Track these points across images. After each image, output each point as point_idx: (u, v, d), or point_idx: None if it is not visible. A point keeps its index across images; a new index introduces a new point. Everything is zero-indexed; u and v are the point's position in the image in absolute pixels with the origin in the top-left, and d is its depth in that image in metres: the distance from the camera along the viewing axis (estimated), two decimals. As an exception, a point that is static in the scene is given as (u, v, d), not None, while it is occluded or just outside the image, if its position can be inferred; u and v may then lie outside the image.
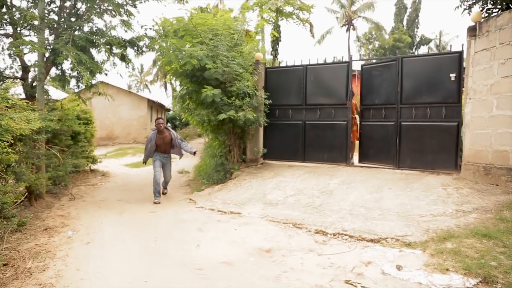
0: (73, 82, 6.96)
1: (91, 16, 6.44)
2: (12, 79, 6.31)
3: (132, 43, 6.95)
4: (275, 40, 16.08)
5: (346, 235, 3.92)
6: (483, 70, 5.24)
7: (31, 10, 5.98)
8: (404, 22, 34.15)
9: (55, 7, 6.46)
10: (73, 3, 6.53)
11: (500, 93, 4.99)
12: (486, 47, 5.20)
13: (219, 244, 3.90)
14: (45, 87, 6.28)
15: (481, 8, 6.10)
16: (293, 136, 7.62)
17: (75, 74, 6.67)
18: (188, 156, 6.51)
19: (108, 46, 6.39)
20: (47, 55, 6.04)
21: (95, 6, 6.29)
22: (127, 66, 7.18)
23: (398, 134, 6.47)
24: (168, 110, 26.96)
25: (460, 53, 5.90)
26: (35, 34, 6.02)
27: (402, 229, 3.89)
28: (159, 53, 7.50)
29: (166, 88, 34.18)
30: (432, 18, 62.66)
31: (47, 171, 6.10)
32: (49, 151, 6.12)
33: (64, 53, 5.46)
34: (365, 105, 7.18)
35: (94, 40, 6.26)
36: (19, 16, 5.74)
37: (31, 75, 6.48)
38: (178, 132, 6.45)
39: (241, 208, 5.30)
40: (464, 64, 5.74)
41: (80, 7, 6.57)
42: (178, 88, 9.57)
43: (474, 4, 6.18)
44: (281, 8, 14.51)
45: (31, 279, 2.98)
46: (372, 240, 3.72)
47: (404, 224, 4.03)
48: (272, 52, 16.28)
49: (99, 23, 8.84)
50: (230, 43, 7.17)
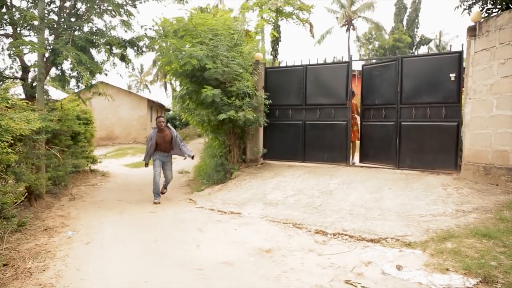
0: (73, 82, 6.98)
1: (91, 16, 6.44)
2: (12, 79, 6.31)
3: (132, 43, 6.96)
4: (275, 40, 16.10)
5: (346, 235, 3.92)
6: (483, 70, 5.25)
7: (31, 10, 5.98)
8: (404, 22, 34.15)
9: (55, 7, 6.47)
10: (73, 3, 6.53)
11: (500, 93, 5.00)
12: (486, 47, 5.21)
13: (219, 244, 3.90)
14: (45, 87, 6.28)
15: (481, 8, 6.10)
16: (293, 136, 7.62)
17: (75, 74, 6.68)
18: (187, 158, 6.50)
19: (108, 46, 6.39)
20: (47, 55, 6.04)
21: (95, 6, 6.29)
22: (127, 66, 7.19)
23: (398, 134, 6.47)
24: (168, 110, 26.95)
25: (460, 53, 5.90)
26: (35, 34, 6.03)
27: (402, 229, 3.89)
28: (159, 53, 7.50)
29: (166, 88, 34.25)
30: (432, 18, 62.72)
31: (47, 171, 6.10)
32: (49, 151, 6.13)
33: (64, 53, 5.46)
34: (365, 105, 7.19)
35: (94, 40, 6.26)
36: (19, 16, 5.74)
37: (31, 75, 6.49)
38: (178, 132, 6.42)
39: (241, 208, 5.30)
40: (464, 64, 5.74)
41: (80, 7, 6.58)
42: (178, 88, 9.58)
43: (474, 4, 6.18)
44: (281, 8, 14.53)
45: (31, 279, 2.97)
46: (372, 240, 3.72)
47: (404, 224, 4.03)
48: (272, 52, 16.29)
49: (99, 23, 8.84)
50: (230, 43, 7.17)
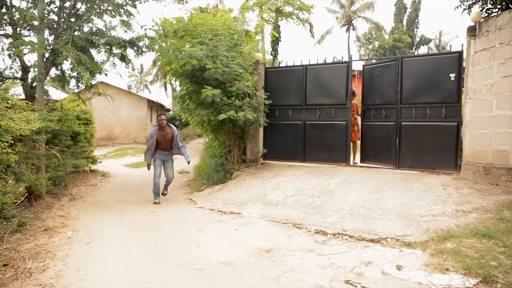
0: (73, 82, 6.97)
1: (91, 17, 6.44)
2: (12, 80, 6.31)
3: (132, 43, 6.96)
4: (275, 40, 16.09)
5: (346, 235, 3.92)
6: (483, 70, 5.25)
7: (31, 10, 5.98)
8: (404, 22, 34.16)
9: (55, 7, 6.47)
10: (72, 3, 6.53)
11: (500, 93, 5.00)
12: (486, 47, 5.20)
13: (219, 244, 3.90)
14: (45, 87, 6.28)
15: (480, 8, 6.10)
16: (293, 136, 7.62)
17: (75, 74, 6.67)
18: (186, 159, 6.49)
19: (108, 47, 6.39)
20: (46, 55, 6.05)
21: (95, 7, 6.29)
22: (127, 66, 7.19)
23: (398, 134, 6.47)
24: (168, 110, 26.94)
25: (460, 53, 5.90)
26: (35, 35, 6.03)
27: (402, 229, 3.89)
28: (159, 53, 7.50)
29: (166, 88, 34.24)
30: (432, 18, 62.74)
31: (47, 171, 6.10)
32: (49, 152, 6.13)
33: (64, 53, 5.46)
34: (366, 105, 7.20)
35: (94, 41, 6.26)
36: (18, 16, 5.75)
37: (31, 75, 6.49)
38: (178, 132, 6.44)
39: (241, 208, 5.30)
40: (464, 64, 5.74)
41: (80, 8, 6.58)
42: (178, 88, 9.58)
43: (473, 4, 6.18)
44: (281, 8, 14.53)
45: (31, 280, 2.97)
46: (372, 240, 3.72)
47: (404, 224, 4.03)
48: (272, 52, 16.29)
49: (99, 23, 8.84)
50: (230, 43, 7.17)
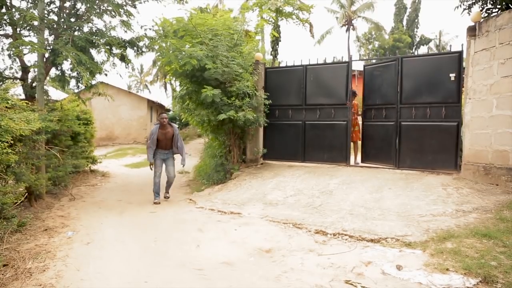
0: (73, 82, 6.97)
1: (91, 17, 6.44)
2: (11, 80, 6.31)
3: (132, 43, 6.96)
4: (275, 40, 16.10)
5: (346, 235, 3.92)
6: (483, 70, 5.25)
7: (31, 10, 5.98)
8: (404, 22, 34.17)
9: (55, 7, 6.47)
10: (72, 3, 6.54)
11: (500, 93, 4.99)
12: (486, 47, 5.20)
13: (219, 244, 3.90)
14: (44, 87, 6.28)
15: (480, 8, 6.10)
16: (293, 136, 7.62)
17: (74, 74, 6.68)
18: (187, 157, 6.50)
19: (108, 47, 6.39)
20: (46, 55, 6.04)
21: (95, 7, 6.29)
22: (127, 66, 7.19)
23: (398, 134, 6.47)
24: (168, 110, 26.94)
25: (460, 53, 5.90)
26: (35, 35, 6.03)
27: (402, 229, 3.89)
28: (159, 53, 7.50)
29: (166, 88, 34.25)
30: (432, 18, 62.75)
31: (47, 171, 6.10)
32: (49, 152, 6.12)
33: (63, 53, 5.46)
34: (367, 105, 7.20)
35: (94, 41, 6.26)
36: (18, 16, 5.75)
37: (30, 75, 6.49)
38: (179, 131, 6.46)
39: (241, 208, 5.30)
40: (464, 64, 5.74)
41: (80, 8, 6.58)
42: (178, 88, 9.57)
43: (473, 4, 6.18)
44: (280, 8, 14.54)
45: (31, 280, 2.97)
46: (372, 240, 3.72)
47: (404, 224, 4.03)
48: (272, 52, 16.29)
49: (98, 23, 8.84)
50: (230, 43, 7.16)
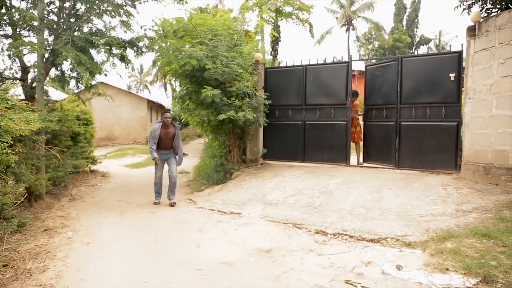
0: (72, 82, 6.96)
1: (91, 17, 6.44)
2: (11, 80, 6.30)
3: (132, 43, 6.95)
4: (275, 40, 16.10)
5: (346, 235, 3.92)
6: (483, 70, 5.25)
7: (31, 11, 5.98)
8: (404, 22, 34.16)
9: (55, 7, 6.46)
10: (72, 3, 6.53)
11: (499, 92, 5.00)
12: (486, 47, 5.21)
13: (219, 244, 3.90)
14: (44, 87, 6.27)
15: (480, 8, 6.10)
16: (293, 136, 7.62)
17: (74, 74, 6.67)
18: (187, 157, 6.50)
19: (108, 47, 6.38)
20: (46, 55, 6.04)
21: (95, 7, 6.29)
22: (126, 66, 7.18)
23: (398, 134, 6.47)
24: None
25: (460, 53, 5.90)
26: (35, 35, 6.02)
27: (402, 229, 3.89)
28: (158, 53, 7.50)
29: (166, 88, 34.24)
30: (431, 18, 62.75)
31: (47, 171, 6.10)
32: (48, 152, 6.12)
33: (63, 53, 5.46)
34: (368, 105, 7.21)
35: (94, 41, 6.26)
36: (18, 17, 5.74)
37: (30, 76, 6.48)
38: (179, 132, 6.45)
39: (241, 208, 5.30)
40: (464, 64, 5.74)
41: (80, 8, 6.57)
42: (178, 88, 9.57)
43: (473, 4, 6.18)
44: (280, 9, 14.55)
45: (31, 280, 2.97)
46: (372, 240, 3.72)
47: (404, 224, 4.03)
48: (272, 52, 16.30)
49: (98, 23, 8.86)
50: (230, 43, 7.16)
